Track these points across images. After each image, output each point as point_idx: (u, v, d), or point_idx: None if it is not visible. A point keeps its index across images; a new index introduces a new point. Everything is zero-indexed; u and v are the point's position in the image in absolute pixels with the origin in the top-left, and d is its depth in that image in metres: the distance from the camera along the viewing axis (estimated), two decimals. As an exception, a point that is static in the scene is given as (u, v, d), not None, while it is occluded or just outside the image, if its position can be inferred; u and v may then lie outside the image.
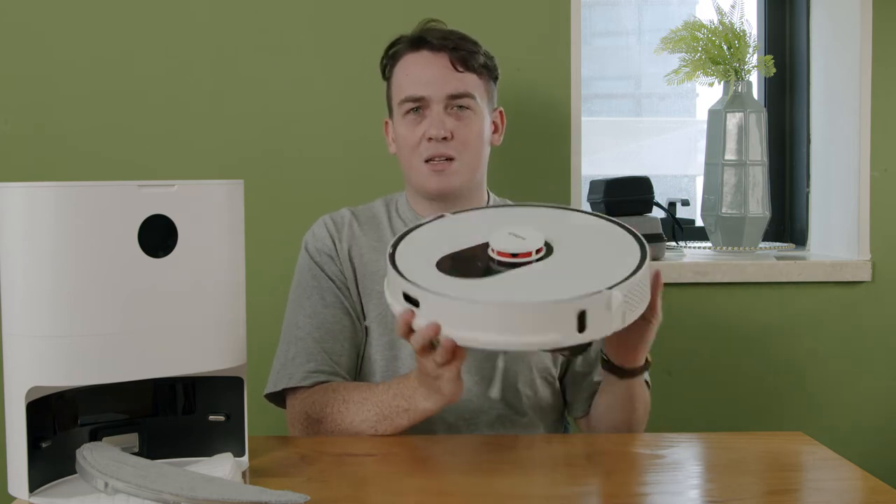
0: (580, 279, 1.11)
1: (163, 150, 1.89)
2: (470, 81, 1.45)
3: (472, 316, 1.08)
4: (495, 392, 1.43)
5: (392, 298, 1.17)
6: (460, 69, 1.44)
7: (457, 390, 1.20)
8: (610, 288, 1.08)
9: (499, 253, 1.16)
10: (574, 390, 1.52)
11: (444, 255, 1.18)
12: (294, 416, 1.40)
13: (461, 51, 1.44)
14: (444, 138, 1.42)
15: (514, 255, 1.15)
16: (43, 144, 1.87)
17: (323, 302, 1.44)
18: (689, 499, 1.09)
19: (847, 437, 1.97)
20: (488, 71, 1.49)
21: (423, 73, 1.44)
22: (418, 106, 1.44)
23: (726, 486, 1.11)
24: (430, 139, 1.43)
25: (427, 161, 1.44)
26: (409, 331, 1.13)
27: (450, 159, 1.44)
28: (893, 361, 2.03)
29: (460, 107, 1.44)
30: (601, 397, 1.46)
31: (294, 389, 1.41)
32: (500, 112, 1.54)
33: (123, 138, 1.88)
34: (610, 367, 1.34)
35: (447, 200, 1.47)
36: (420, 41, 1.46)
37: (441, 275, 1.14)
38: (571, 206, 1.44)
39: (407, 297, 1.13)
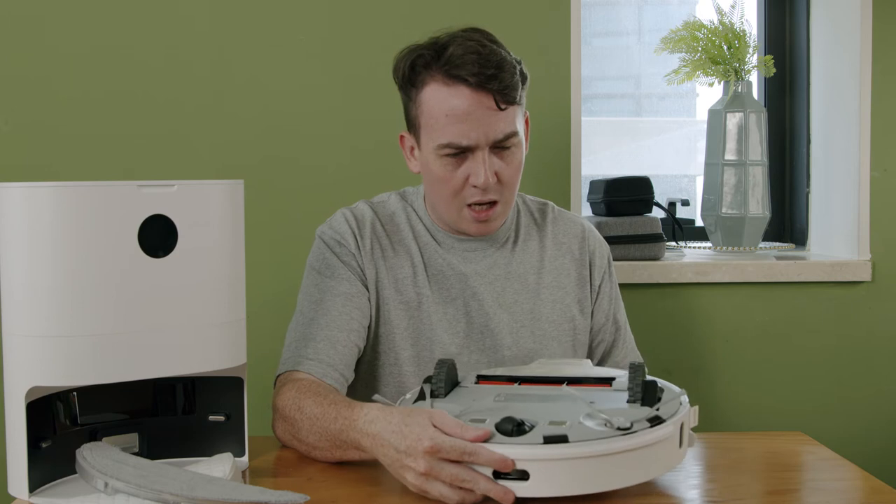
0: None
1: (163, 150, 1.89)
2: (513, 116, 1.33)
3: (595, 470, 1.00)
4: None
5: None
6: (503, 107, 1.31)
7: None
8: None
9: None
10: None
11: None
12: (274, 403, 1.29)
13: (503, 85, 1.30)
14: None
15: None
16: (43, 144, 1.87)
17: (333, 292, 1.38)
18: (689, 499, 1.09)
19: (847, 437, 1.97)
20: (524, 88, 1.37)
21: (464, 116, 1.31)
22: (461, 152, 1.34)
23: (726, 486, 1.11)
24: (474, 185, 1.34)
25: (470, 205, 1.37)
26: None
27: (493, 203, 1.37)
28: (893, 361, 2.03)
29: (504, 147, 1.34)
30: None
31: (283, 374, 1.33)
32: (527, 119, 1.42)
33: (123, 138, 1.88)
34: None
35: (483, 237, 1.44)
36: (455, 77, 1.31)
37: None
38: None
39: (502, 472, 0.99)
